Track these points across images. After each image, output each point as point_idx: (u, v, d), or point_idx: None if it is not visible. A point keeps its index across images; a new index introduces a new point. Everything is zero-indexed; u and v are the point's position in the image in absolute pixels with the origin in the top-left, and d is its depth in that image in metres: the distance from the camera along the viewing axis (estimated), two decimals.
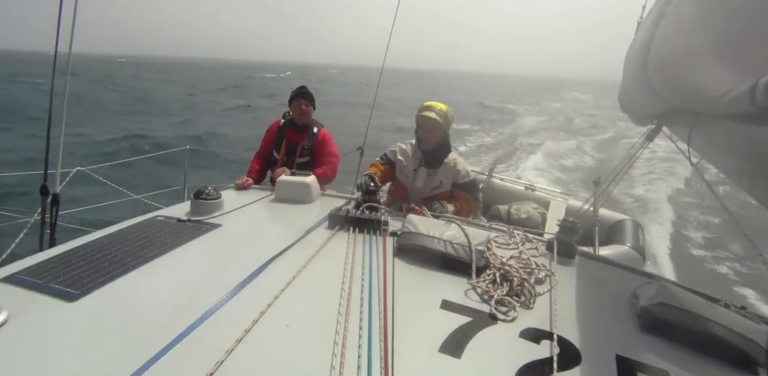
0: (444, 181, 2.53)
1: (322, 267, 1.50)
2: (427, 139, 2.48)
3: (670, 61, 1.33)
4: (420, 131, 2.51)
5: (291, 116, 3.08)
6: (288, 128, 3.05)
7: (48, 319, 1.13)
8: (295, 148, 3.01)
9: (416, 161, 2.59)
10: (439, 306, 1.30)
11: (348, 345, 1.06)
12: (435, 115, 2.41)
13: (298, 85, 3.13)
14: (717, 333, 1.18)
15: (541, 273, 1.56)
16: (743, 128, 1.01)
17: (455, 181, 2.53)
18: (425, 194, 2.58)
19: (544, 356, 1.10)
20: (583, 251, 1.88)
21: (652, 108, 1.88)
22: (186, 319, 1.13)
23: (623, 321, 1.34)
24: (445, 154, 2.53)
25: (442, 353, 1.08)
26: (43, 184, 2.17)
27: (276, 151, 3.05)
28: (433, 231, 1.66)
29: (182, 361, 0.98)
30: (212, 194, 2.06)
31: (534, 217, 3.79)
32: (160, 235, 1.73)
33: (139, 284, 1.36)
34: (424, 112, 2.45)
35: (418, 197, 2.59)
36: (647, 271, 1.89)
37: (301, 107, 2.97)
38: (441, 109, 2.46)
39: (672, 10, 1.43)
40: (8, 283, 1.29)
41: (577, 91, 56.86)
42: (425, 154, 2.55)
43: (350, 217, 1.89)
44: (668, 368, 1.11)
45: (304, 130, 3.03)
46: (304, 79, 51.91)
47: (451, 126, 2.54)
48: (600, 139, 18.30)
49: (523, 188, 4.69)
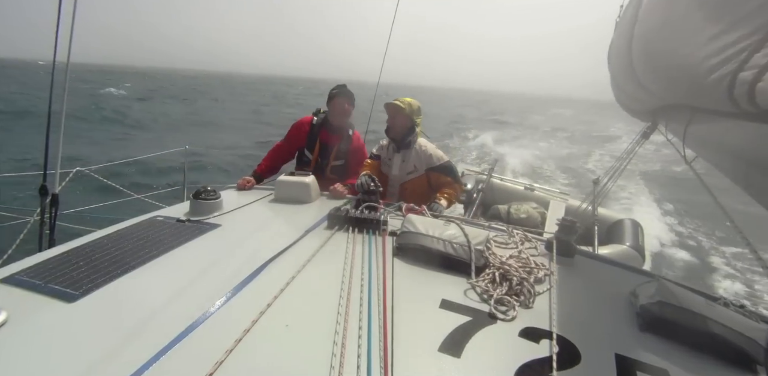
0: (417, 165, 2.75)
1: (322, 267, 1.51)
2: (393, 124, 2.73)
3: (653, 55, 1.33)
4: (388, 119, 2.77)
5: (325, 115, 2.92)
6: (322, 128, 2.90)
7: (47, 319, 1.13)
8: (329, 149, 2.88)
9: (390, 149, 2.84)
10: (439, 306, 1.30)
11: (347, 345, 1.06)
12: (398, 103, 2.70)
13: (338, 84, 2.98)
14: (716, 332, 1.19)
15: (541, 272, 1.56)
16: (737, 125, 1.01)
17: (429, 165, 2.73)
18: (402, 179, 2.79)
19: (544, 355, 1.10)
20: (582, 250, 1.89)
21: (646, 104, 1.88)
22: (185, 319, 1.13)
23: (623, 320, 1.34)
24: (412, 139, 2.75)
25: (441, 352, 1.08)
26: (43, 184, 2.17)
27: (309, 151, 2.91)
28: (433, 231, 1.66)
29: (182, 361, 0.98)
30: (211, 194, 2.06)
31: (533, 216, 3.80)
32: (160, 235, 1.73)
33: (138, 284, 1.36)
34: (389, 101, 2.75)
35: (396, 183, 2.81)
36: (646, 270, 1.89)
37: (343, 106, 2.83)
38: (405, 99, 2.75)
39: (647, 6, 1.44)
40: (7, 284, 1.28)
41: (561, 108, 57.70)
42: (394, 141, 2.79)
43: (350, 217, 1.89)
44: (667, 366, 1.11)
45: (338, 132, 2.90)
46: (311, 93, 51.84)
47: (418, 116, 2.77)
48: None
49: (522, 187, 4.70)
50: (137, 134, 14.87)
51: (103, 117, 17.64)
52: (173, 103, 26.12)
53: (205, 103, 28.67)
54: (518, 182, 4.91)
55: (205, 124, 18.89)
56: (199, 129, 17.27)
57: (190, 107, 24.77)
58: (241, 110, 25.03)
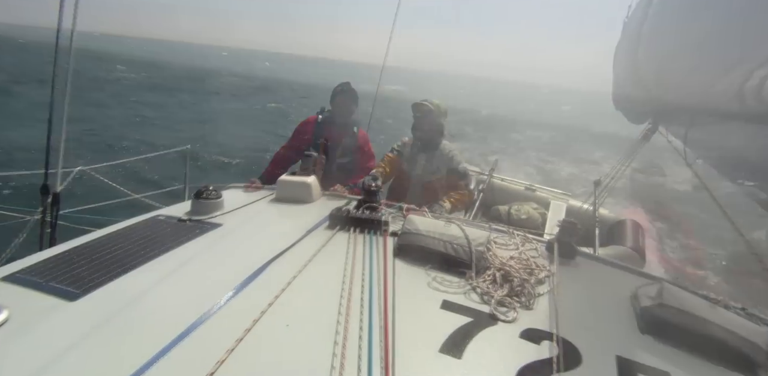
0: (440, 166, 2.81)
1: (323, 267, 1.51)
2: (421, 124, 2.80)
3: (658, 58, 1.33)
4: (415, 119, 2.83)
5: (329, 113, 2.96)
6: (326, 125, 2.92)
7: (48, 318, 1.13)
8: (335, 147, 2.88)
9: (415, 148, 2.88)
10: (440, 306, 1.30)
11: (348, 345, 1.06)
12: (428, 104, 2.79)
13: (342, 81, 3.02)
14: (718, 335, 1.18)
15: (542, 274, 1.56)
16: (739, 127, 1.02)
17: (450, 166, 2.80)
18: (425, 179, 2.84)
19: (545, 357, 1.10)
20: (583, 251, 1.88)
21: (645, 105, 1.89)
22: (187, 318, 1.13)
23: (623, 322, 1.34)
24: (439, 140, 2.83)
25: (442, 353, 1.08)
26: (44, 183, 2.17)
27: (315, 149, 2.91)
28: (434, 231, 1.66)
29: (183, 360, 0.99)
30: (213, 193, 2.06)
31: (534, 217, 3.79)
32: (161, 234, 1.73)
33: (139, 283, 1.36)
34: (419, 102, 2.85)
35: (419, 183, 2.85)
36: (647, 271, 1.89)
37: (346, 104, 2.88)
38: (433, 101, 2.85)
39: (655, 10, 1.44)
40: (8, 282, 1.28)
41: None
42: (421, 140, 2.83)
43: (351, 217, 1.89)
44: (669, 369, 1.11)
45: (343, 129, 2.92)
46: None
47: (444, 118, 2.85)
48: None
49: (523, 188, 4.69)
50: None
51: None
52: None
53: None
54: (519, 183, 4.90)
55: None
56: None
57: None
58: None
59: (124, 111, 15.69)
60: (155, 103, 18.17)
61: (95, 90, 18.20)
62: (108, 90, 19.78)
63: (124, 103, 17.41)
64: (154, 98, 19.65)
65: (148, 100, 18.62)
